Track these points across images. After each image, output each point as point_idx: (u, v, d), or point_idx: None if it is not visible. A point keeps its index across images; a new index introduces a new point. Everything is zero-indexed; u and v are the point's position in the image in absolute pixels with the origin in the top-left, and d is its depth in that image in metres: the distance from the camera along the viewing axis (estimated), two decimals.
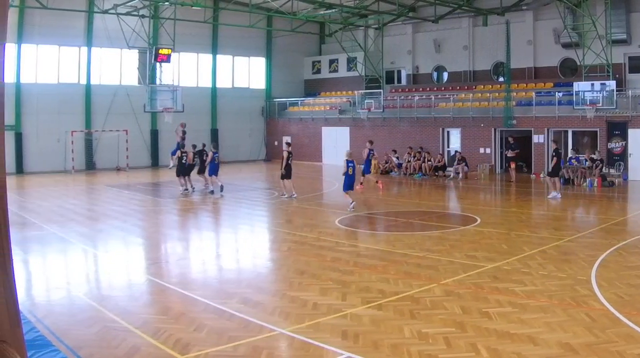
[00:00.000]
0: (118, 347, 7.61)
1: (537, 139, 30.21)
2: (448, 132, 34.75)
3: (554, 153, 22.89)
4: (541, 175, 28.63)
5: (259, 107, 44.60)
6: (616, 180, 26.36)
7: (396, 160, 33.16)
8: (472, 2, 35.33)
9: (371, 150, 26.33)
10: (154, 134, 38.68)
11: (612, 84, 27.29)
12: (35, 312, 8.96)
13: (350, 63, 41.90)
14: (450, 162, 32.42)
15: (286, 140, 31.26)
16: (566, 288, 10.04)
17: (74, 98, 35.55)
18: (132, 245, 15.35)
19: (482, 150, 32.51)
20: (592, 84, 27.60)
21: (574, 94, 28.27)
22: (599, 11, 29.52)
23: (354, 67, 41.57)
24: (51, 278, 11.68)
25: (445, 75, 39.93)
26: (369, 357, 7.27)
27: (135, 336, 8.01)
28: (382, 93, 37.66)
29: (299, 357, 7.40)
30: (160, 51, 34.05)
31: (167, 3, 33.01)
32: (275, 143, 43.41)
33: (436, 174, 31.10)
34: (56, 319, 8.73)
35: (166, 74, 36.50)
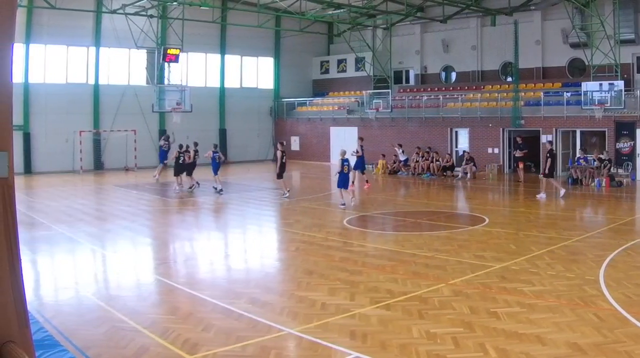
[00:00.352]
0: (126, 347, 7.63)
1: (545, 139, 30.10)
2: (456, 132, 34.66)
3: (548, 154, 22.88)
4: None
5: (267, 107, 44.58)
6: (624, 180, 26.21)
7: (402, 154, 33.04)
8: (480, 2, 35.22)
9: (361, 146, 26.77)
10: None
11: (620, 84, 27.17)
12: (43, 312, 8.99)
13: (359, 63, 41.86)
14: (459, 162, 32.34)
15: (280, 140, 31.27)
16: (574, 288, 10.01)
17: (82, 98, 35.60)
18: (140, 245, 15.40)
19: (490, 150, 32.41)
20: (601, 84, 27.49)
21: (582, 94, 28.16)
22: (607, 11, 29.39)
23: (362, 67, 41.54)
24: (59, 278, 11.72)
25: (454, 75, 39.82)
26: (377, 357, 7.27)
27: (143, 336, 8.03)
28: (390, 93, 37.62)
29: (307, 357, 7.41)
30: (168, 51, 34.16)
31: (175, 3, 33.06)
32: (284, 143, 43.26)
33: (444, 174, 31.03)
34: (64, 319, 8.75)
35: (174, 74, 36.57)
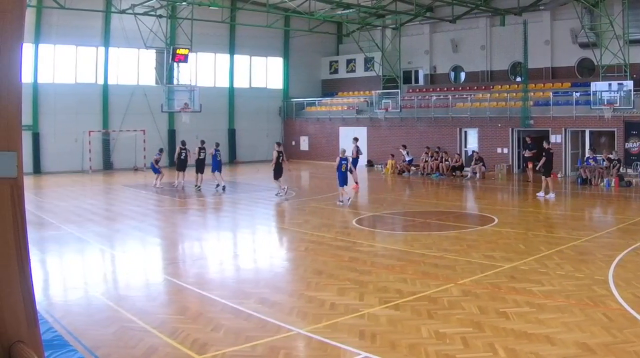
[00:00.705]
0: (135, 347, 7.63)
1: (554, 139, 29.98)
2: (465, 132, 34.59)
3: (545, 153, 22.79)
4: (559, 175, 28.45)
5: (277, 107, 44.62)
6: (633, 180, 26.07)
7: (406, 155, 32.95)
8: (489, 2, 35.12)
9: (357, 147, 26.84)
10: (171, 134, 38.79)
11: (629, 84, 27.05)
12: (52, 312, 9.00)
13: (368, 63, 41.86)
14: (468, 162, 32.25)
15: (276, 141, 31.28)
16: (583, 288, 9.96)
17: (92, 98, 35.73)
18: (149, 245, 15.43)
19: (499, 150, 32.33)
20: (610, 84, 27.36)
21: (592, 94, 28.04)
22: (617, 11, 29.23)
23: (372, 67, 41.52)
24: (68, 278, 11.75)
25: (463, 75, 39.72)
26: (387, 357, 7.25)
27: (152, 336, 8.03)
28: (399, 93, 37.59)
29: (317, 357, 7.40)
30: (177, 51, 34.23)
31: (184, 3, 33.11)
32: (293, 143, 43.44)
33: (453, 173, 30.95)
34: (73, 319, 8.77)
35: (183, 74, 36.61)
